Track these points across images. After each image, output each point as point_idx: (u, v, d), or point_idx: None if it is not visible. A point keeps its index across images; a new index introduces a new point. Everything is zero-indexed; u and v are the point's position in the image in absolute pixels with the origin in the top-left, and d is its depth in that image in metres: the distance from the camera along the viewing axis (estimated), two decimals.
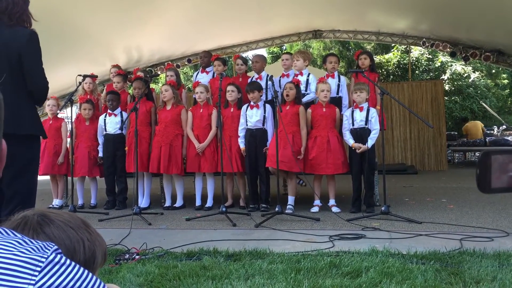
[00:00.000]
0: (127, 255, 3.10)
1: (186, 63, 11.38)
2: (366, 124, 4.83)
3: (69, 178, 5.47)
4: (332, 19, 10.08)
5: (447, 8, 7.77)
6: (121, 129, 5.41)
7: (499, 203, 5.03)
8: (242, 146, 5.17)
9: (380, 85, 5.19)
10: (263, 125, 5.14)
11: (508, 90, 19.65)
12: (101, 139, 5.72)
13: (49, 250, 0.63)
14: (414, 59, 16.34)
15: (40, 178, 3.43)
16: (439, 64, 16.74)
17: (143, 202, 5.58)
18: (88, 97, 5.91)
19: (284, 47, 18.69)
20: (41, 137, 2.70)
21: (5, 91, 0.77)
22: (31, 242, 0.64)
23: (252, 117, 5.13)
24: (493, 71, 18.52)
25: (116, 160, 5.64)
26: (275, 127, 4.79)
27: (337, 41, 17.21)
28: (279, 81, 5.57)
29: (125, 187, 5.68)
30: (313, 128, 5.02)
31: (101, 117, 5.73)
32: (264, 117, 5.13)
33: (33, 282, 0.59)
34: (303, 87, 5.32)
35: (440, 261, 2.79)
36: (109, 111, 5.69)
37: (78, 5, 6.52)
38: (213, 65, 6.10)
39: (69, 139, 5.77)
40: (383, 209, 4.34)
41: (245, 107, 5.21)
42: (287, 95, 5.01)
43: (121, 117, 5.65)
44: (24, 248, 0.62)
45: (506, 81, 19.35)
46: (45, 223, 0.79)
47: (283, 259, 2.90)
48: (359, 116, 4.86)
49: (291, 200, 5.00)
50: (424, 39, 9.99)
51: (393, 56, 16.70)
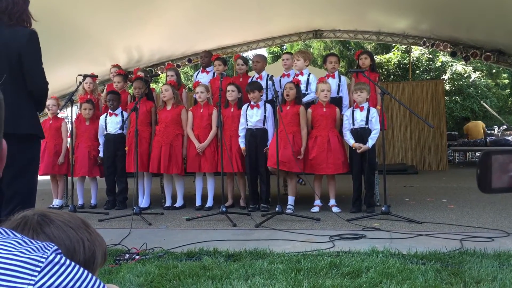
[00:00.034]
0: (127, 255, 3.10)
1: (186, 63, 11.38)
2: (366, 124, 4.83)
3: (69, 178, 5.47)
4: (332, 19, 10.08)
5: (447, 8, 7.77)
6: (122, 129, 5.41)
7: (499, 203, 5.03)
8: (242, 146, 5.16)
9: (380, 85, 5.19)
10: (264, 125, 5.14)
11: (508, 90, 19.63)
12: (101, 139, 5.72)
13: (49, 250, 0.63)
14: (414, 59, 16.33)
15: (40, 178, 3.43)
16: (440, 64, 16.73)
17: (143, 202, 5.58)
18: (88, 97, 5.92)
19: (284, 47, 18.68)
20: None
21: (5, 91, 0.77)
22: (31, 242, 0.64)
23: (252, 117, 5.13)
24: (494, 71, 18.50)
25: (116, 160, 5.64)
26: (275, 127, 4.79)
27: (338, 41, 17.20)
28: (280, 81, 5.57)
29: (126, 187, 5.68)
30: (314, 128, 5.01)
31: (102, 117, 5.73)
32: (264, 117, 5.13)
33: (33, 282, 0.59)
34: (303, 87, 5.32)
35: (440, 261, 2.79)
36: (109, 111, 5.70)
37: (78, 5, 6.53)
38: (213, 65, 6.10)
39: (69, 139, 5.77)
40: (383, 209, 4.34)
41: (245, 107, 5.21)
42: (287, 95, 5.01)
43: (122, 117, 5.64)
44: (23, 248, 0.62)
45: (506, 81, 19.34)
46: (45, 223, 0.79)
47: (283, 259, 2.90)
48: (360, 116, 4.86)
49: (291, 200, 5.00)
50: (424, 39, 9.99)
51: (393, 56, 16.69)
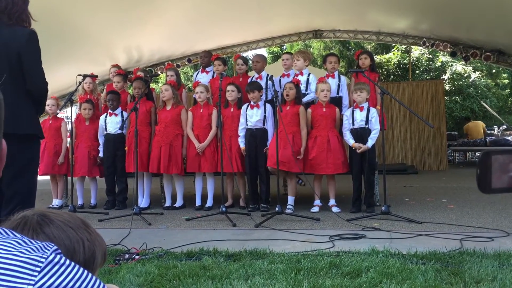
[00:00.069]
0: (127, 255, 3.10)
1: (186, 63, 11.38)
2: (366, 124, 4.83)
3: (69, 178, 5.47)
4: (332, 19, 10.08)
5: (447, 8, 7.77)
6: (121, 129, 5.41)
7: (499, 203, 5.03)
8: (242, 146, 5.16)
9: (380, 85, 5.19)
10: (264, 124, 5.14)
11: (508, 90, 19.63)
12: (101, 139, 5.72)
13: (49, 250, 0.63)
14: (414, 59, 16.33)
15: (40, 178, 3.43)
16: (440, 64, 16.73)
17: (143, 202, 5.58)
18: (88, 97, 5.92)
19: (284, 47, 18.68)
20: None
21: (5, 91, 0.77)
22: (31, 242, 0.64)
23: (252, 116, 5.13)
24: (494, 71, 18.50)
25: (116, 160, 5.63)
26: (275, 127, 4.79)
27: (338, 41, 17.20)
28: (279, 81, 5.57)
29: (126, 187, 5.67)
30: (313, 128, 5.01)
31: (102, 117, 5.73)
32: (264, 116, 5.13)
33: (33, 282, 0.59)
34: (303, 87, 5.32)
35: (440, 261, 2.79)
36: (109, 111, 5.69)
37: (77, 5, 6.52)
38: (213, 65, 6.09)
39: (69, 139, 5.77)
40: (383, 209, 4.34)
41: (245, 106, 5.21)
42: (287, 95, 5.01)
43: (122, 117, 5.64)
44: (23, 248, 0.62)
45: (506, 81, 19.33)
46: (44, 223, 0.79)
47: (283, 259, 2.90)
48: (359, 116, 4.86)
49: (291, 200, 5.00)
50: (424, 39, 9.99)
51: (393, 56, 16.69)
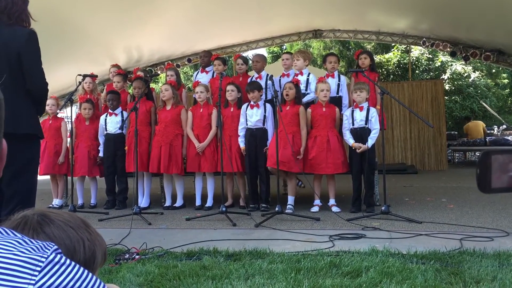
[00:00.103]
0: (127, 255, 3.10)
1: (186, 63, 11.38)
2: (366, 123, 4.83)
3: (69, 177, 5.47)
4: (332, 18, 10.08)
5: (447, 8, 7.77)
6: (121, 128, 5.41)
7: (499, 203, 5.03)
8: (242, 145, 5.17)
9: (380, 85, 5.19)
10: (263, 124, 5.14)
11: (508, 89, 19.63)
12: (102, 139, 5.72)
13: (49, 250, 0.63)
14: (414, 58, 16.33)
15: (40, 178, 3.43)
16: (439, 63, 16.72)
17: (143, 202, 5.58)
18: (88, 96, 5.92)
19: (284, 47, 18.67)
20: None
21: (5, 91, 0.77)
22: (31, 242, 0.64)
23: (252, 116, 5.13)
24: (493, 70, 18.50)
25: (116, 160, 5.63)
26: (275, 127, 4.79)
27: (337, 41, 17.20)
28: (279, 80, 5.57)
29: (126, 187, 5.67)
30: (313, 127, 5.01)
31: (102, 117, 5.73)
32: (264, 116, 5.13)
33: (33, 282, 0.59)
34: (303, 87, 5.32)
35: (440, 261, 2.79)
36: (109, 110, 5.69)
37: (77, 5, 6.52)
38: (213, 64, 6.09)
39: (69, 139, 5.77)
40: (383, 208, 4.34)
41: (245, 106, 5.21)
42: (287, 95, 5.01)
43: (122, 116, 5.64)
44: (24, 248, 0.62)
45: (506, 81, 19.33)
46: (45, 223, 0.79)
47: (283, 259, 2.90)
48: (359, 115, 4.86)
49: (291, 200, 5.00)
50: (424, 39, 9.99)
51: (393, 55, 16.68)
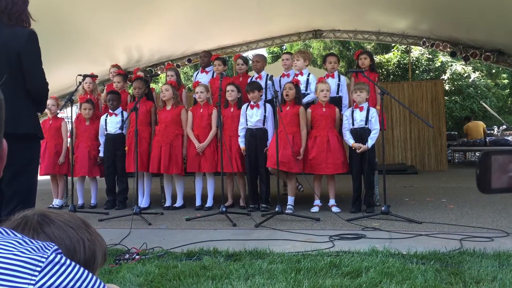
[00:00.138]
0: (127, 255, 3.10)
1: (186, 63, 11.38)
2: (366, 124, 4.83)
3: (69, 178, 5.47)
4: (332, 19, 10.08)
5: (447, 8, 7.77)
6: (121, 128, 5.41)
7: (499, 203, 5.03)
8: (242, 145, 5.17)
9: (380, 85, 5.19)
10: (263, 124, 5.14)
11: (508, 90, 19.64)
12: (102, 139, 5.72)
13: (49, 250, 0.63)
14: (414, 59, 16.33)
15: (40, 178, 3.43)
16: (439, 64, 16.73)
17: (143, 202, 5.58)
18: (88, 97, 5.92)
19: (284, 47, 18.68)
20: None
21: (5, 91, 0.77)
22: (31, 242, 0.64)
23: (252, 116, 5.13)
24: (493, 71, 18.50)
25: (116, 160, 5.63)
26: (275, 127, 4.79)
27: (337, 41, 17.19)
28: (279, 81, 5.57)
29: (126, 187, 5.67)
30: (313, 128, 5.01)
31: (102, 117, 5.73)
32: (264, 116, 5.13)
33: (33, 282, 0.59)
34: (303, 87, 5.32)
35: (440, 261, 2.79)
36: (110, 111, 5.70)
37: (77, 4, 6.52)
38: (213, 65, 6.10)
39: (69, 139, 5.77)
40: (383, 209, 4.34)
41: (245, 106, 5.21)
42: (287, 95, 5.01)
43: (122, 117, 5.64)
44: (24, 248, 0.62)
45: (506, 81, 19.33)
46: (45, 223, 0.79)
47: (283, 259, 2.90)
48: (359, 116, 4.86)
49: (291, 200, 5.00)
50: (424, 39, 9.99)
51: (393, 56, 16.69)
